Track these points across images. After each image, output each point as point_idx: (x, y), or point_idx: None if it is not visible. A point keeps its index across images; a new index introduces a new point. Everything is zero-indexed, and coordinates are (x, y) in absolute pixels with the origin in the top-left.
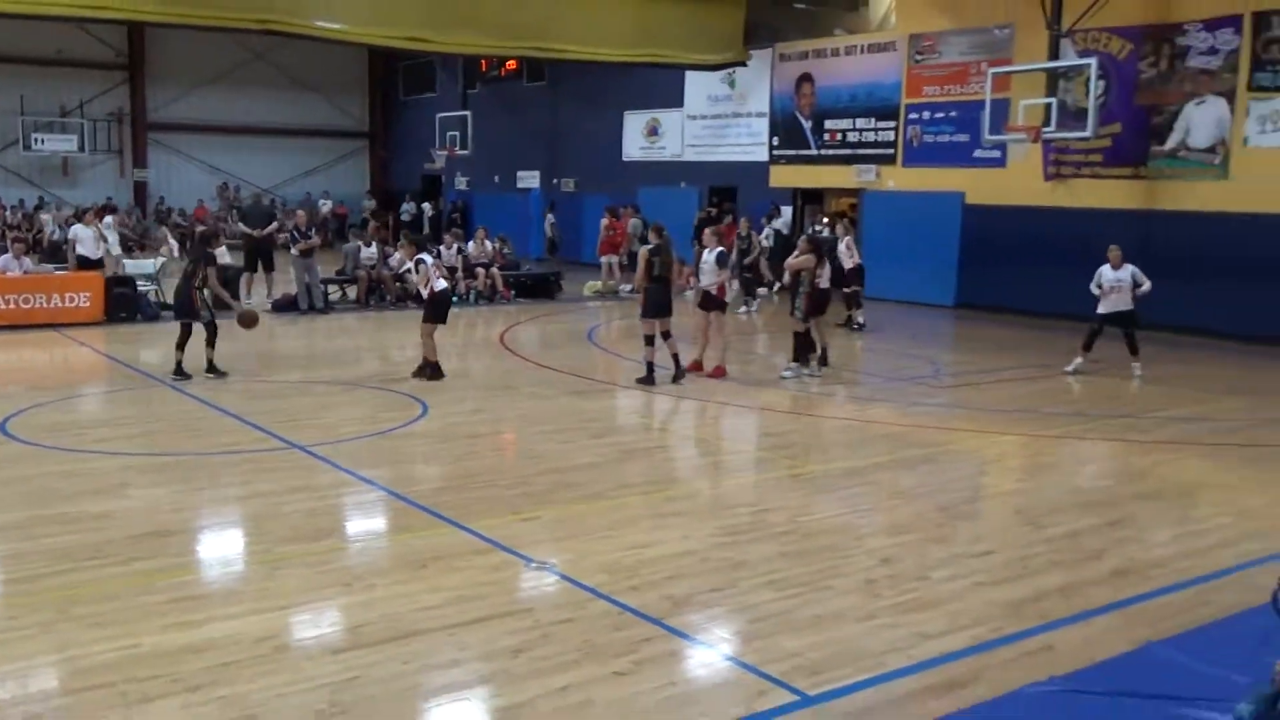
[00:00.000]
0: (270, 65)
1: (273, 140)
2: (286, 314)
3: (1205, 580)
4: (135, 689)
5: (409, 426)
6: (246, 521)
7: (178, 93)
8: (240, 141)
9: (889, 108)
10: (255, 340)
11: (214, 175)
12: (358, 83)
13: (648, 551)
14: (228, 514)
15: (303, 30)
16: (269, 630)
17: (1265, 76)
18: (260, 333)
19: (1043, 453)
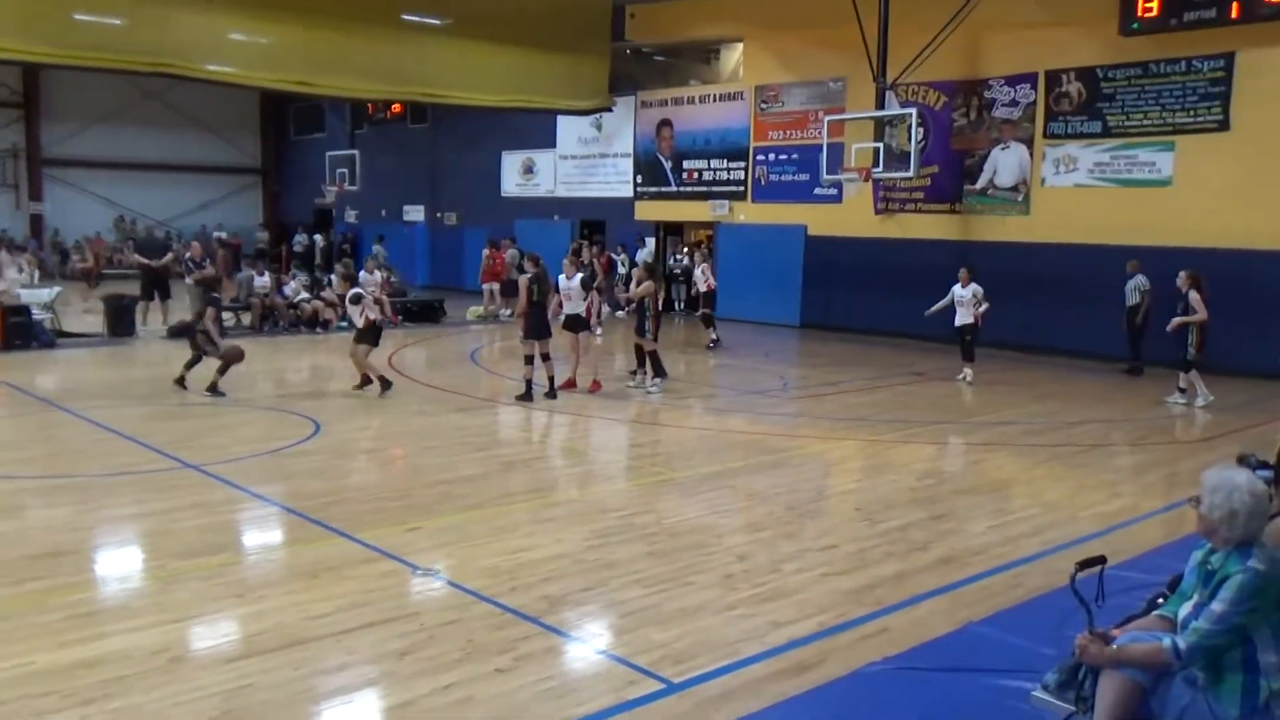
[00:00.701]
0: (165, 104)
1: (168, 175)
2: (183, 339)
3: (1016, 565)
4: (28, 706)
5: (302, 444)
6: (141, 539)
7: (74, 129)
8: (136, 176)
9: (739, 150)
10: (152, 365)
11: (111, 208)
12: (250, 121)
13: (526, 555)
14: (122, 532)
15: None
16: (163, 643)
17: (1057, 126)
18: (157, 357)
19: (877, 455)
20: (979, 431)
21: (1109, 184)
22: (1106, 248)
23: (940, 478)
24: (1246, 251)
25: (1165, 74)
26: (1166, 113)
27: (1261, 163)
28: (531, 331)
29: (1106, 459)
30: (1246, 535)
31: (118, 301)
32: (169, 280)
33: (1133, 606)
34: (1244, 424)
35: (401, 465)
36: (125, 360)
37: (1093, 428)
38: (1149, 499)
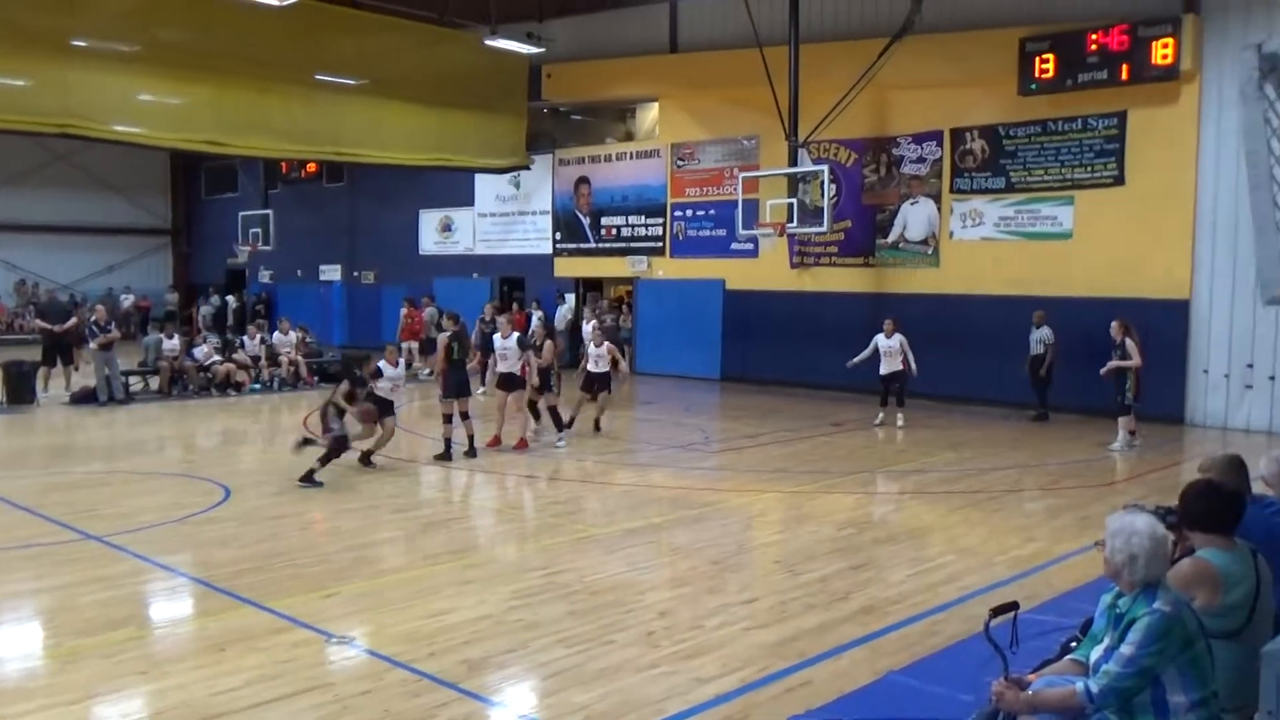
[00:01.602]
0: (71, 165)
1: (74, 238)
2: (86, 406)
3: (935, 613)
4: None
5: (210, 511)
6: (39, 616)
7: None
8: (41, 239)
9: (657, 206)
10: (54, 433)
11: (12, 272)
12: (160, 182)
13: (446, 619)
14: (19, 609)
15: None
16: None
17: (963, 181)
18: (58, 424)
19: (798, 507)
20: (896, 480)
21: (1013, 237)
22: (1013, 298)
23: (860, 527)
24: (1142, 300)
25: (1063, 132)
26: (1066, 168)
27: (1153, 216)
28: (450, 390)
29: (1020, 504)
30: (1148, 578)
31: (17, 368)
32: (71, 346)
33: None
34: (1150, 468)
35: (316, 530)
36: (24, 429)
37: (1006, 474)
38: (1062, 543)
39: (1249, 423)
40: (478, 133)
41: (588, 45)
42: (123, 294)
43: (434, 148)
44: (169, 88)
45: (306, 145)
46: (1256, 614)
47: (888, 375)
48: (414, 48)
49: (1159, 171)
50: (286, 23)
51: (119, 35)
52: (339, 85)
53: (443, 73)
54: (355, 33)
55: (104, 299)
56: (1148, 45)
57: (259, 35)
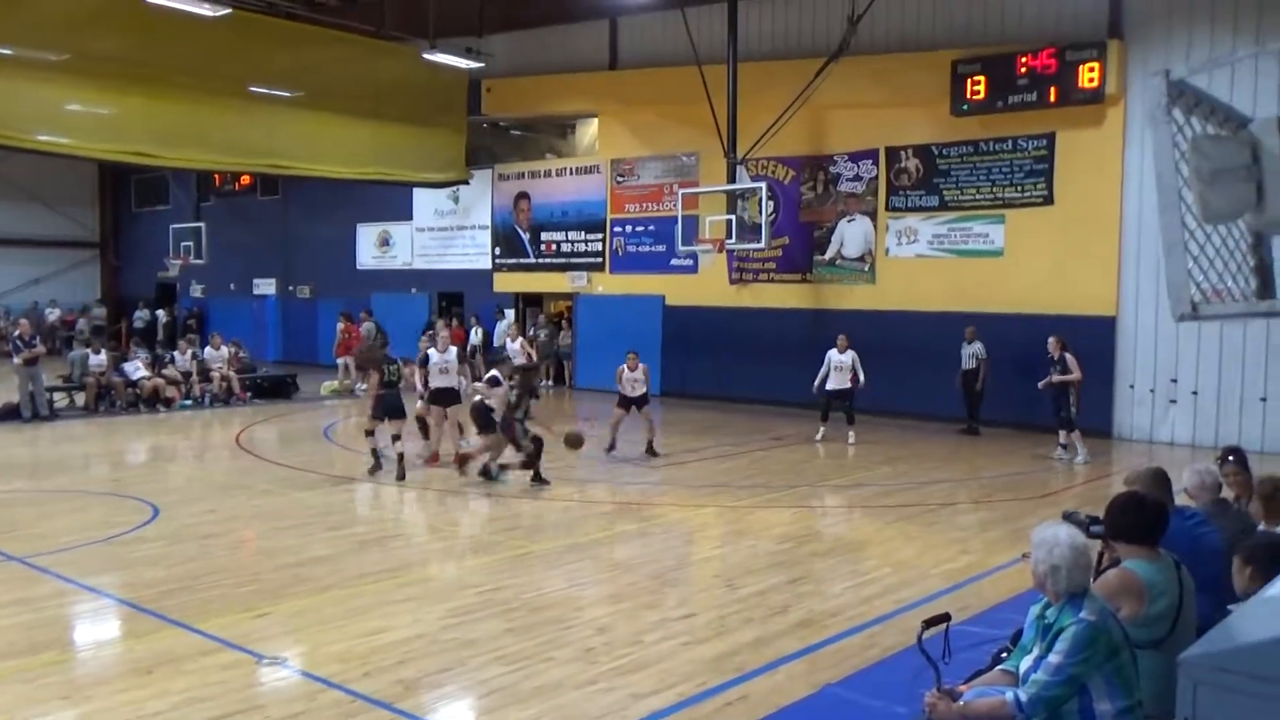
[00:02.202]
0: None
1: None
2: (8, 423)
3: (871, 625)
4: None
5: (138, 530)
6: None
7: None
8: None
9: (597, 222)
10: None
11: None
12: (88, 193)
13: (381, 638)
14: None
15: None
16: None
17: (898, 199)
18: None
19: (737, 521)
20: (834, 494)
21: (947, 254)
22: (947, 314)
23: (798, 541)
24: (1070, 317)
25: (994, 152)
26: (997, 188)
27: (1081, 235)
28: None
29: (954, 517)
30: (1072, 588)
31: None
32: None
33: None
34: (1079, 480)
35: (247, 549)
36: None
37: (941, 487)
38: (995, 555)
39: (1174, 436)
40: (416, 147)
41: (528, 60)
42: (48, 308)
43: (372, 161)
44: (99, 98)
45: (241, 157)
46: (1180, 624)
47: (836, 391)
48: (351, 61)
49: (1086, 191)
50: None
51: (47, 44)
52: (274, 97)
53: (381, 86)
54: (291, 45)
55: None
56: (1075, 69)
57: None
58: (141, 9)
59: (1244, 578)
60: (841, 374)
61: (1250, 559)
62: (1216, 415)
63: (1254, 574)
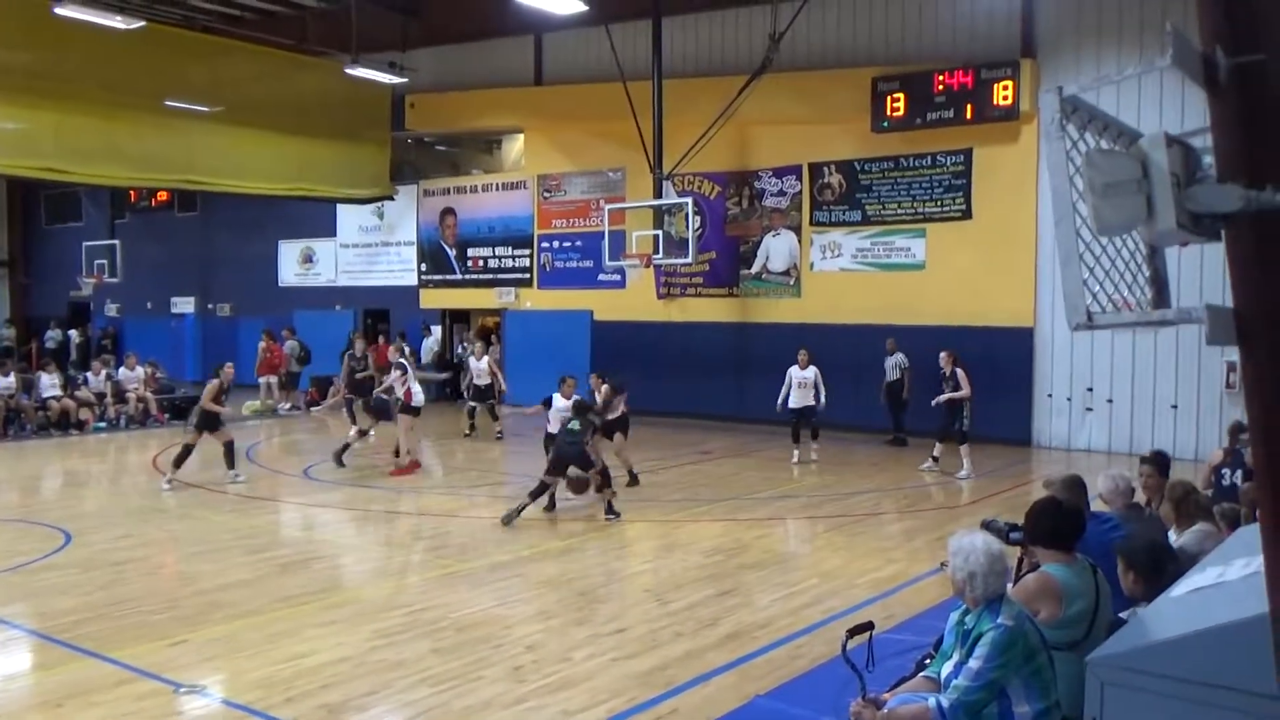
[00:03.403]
0: None
1: None
2: None
3: (799, 636)
4: None
5: (49, 558)
6: None
7: None
8: None
9: (524, 237)
10: None
11: None
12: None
13: (304, 662)
14: None
15: None
16: None
17: (822, 214)
18: None
19: (667, 535)
20: (763, 506)
21: (870, 268)
22: (871, 327)
23: (728, 554)
24: (990, 329)
25: (915, 167)
26: (918, 202)
27: (998, 248)
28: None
29: (880, 527)
30: (989, 593)
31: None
32: None
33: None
34: (1000, 488)
35: (163, 575)
36: None
37: (866, 498)
38: (918, 563)
39: (1090, 443)
40: (340, 162)
41: (452, 76)
42: None
43: (294, 177)
44: (7, 111)
45: (157, 173)
46: (1095, 626)
47: (800, 409)
48: (271, 75)
49: (1003, 206)
50: (135, 47)
51: None
52: (192, 112)
53: (303, 101)
54: (209, 58)
55: None
56: (990, 87)
57: (106, 59)
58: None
59: (1128, 580)
60: (804, 390)
61: (1132, 563)
62: (1131, 423)
63: (1136, 577)
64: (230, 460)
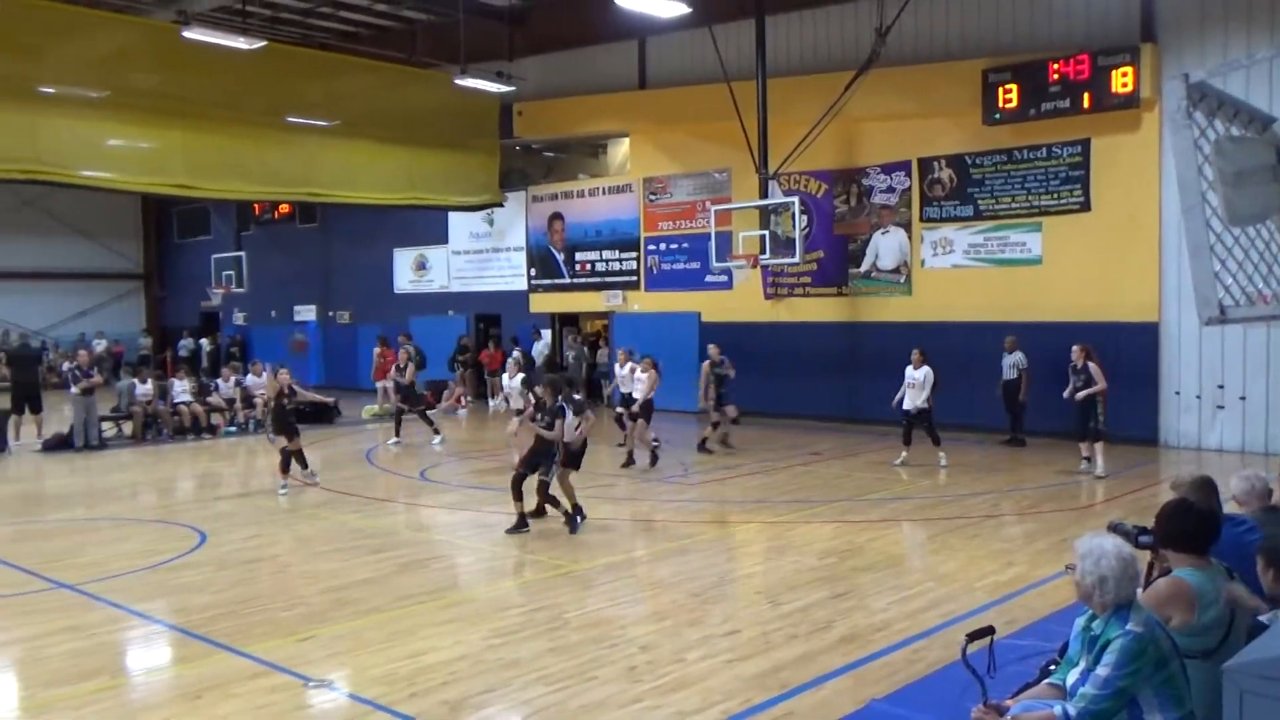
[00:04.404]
0: (41, 211)
1: (44, 283)
2: (60, 453)
3: (916, 640)
4: None
5: (185, 557)
6: (8, 668)
7: None
8: (9, 286)
9: (630, 240)
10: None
11: None
12: (132, 226)
13: (424, 659)
14: None
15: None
16: None
17: (932, 210)
18: (28, 473)
19: (778, 537)
20: (876, 508)
21: (984, 264)
22: (985, 324)
23: (840, 556)
24: (1112, 324)
25: (1029, 160)
26: (1033, 196)
27: (1120, 240)
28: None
29: (998, 529)
30: (1119, 599)
31: None
32: (41, 393)
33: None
34: (1126, 490)
35: (292, 573)
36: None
37: (983, 499)
38: (1040, 567)
39: (1222, 443)
40: (450, 171)
41: (558, 83)
42: (95, 339)
43: (407, 187)
44: (139, 132)
45: (279, 187)
46: (1231, 633)
47: (912, 411)
48: (384, 88)
49: (1124, 197)
50: (256, 66)
51: (87, 82)
52: (310, 127)
53: (414, 112)
54: (325, 75)
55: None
56: (1108, 74)
57: (229, 79)
58: (179, 44)
59: (1268, 579)
60: (915, 391)
61: (1272, 561)
62: (1266, 421)
63: (1276, 575)
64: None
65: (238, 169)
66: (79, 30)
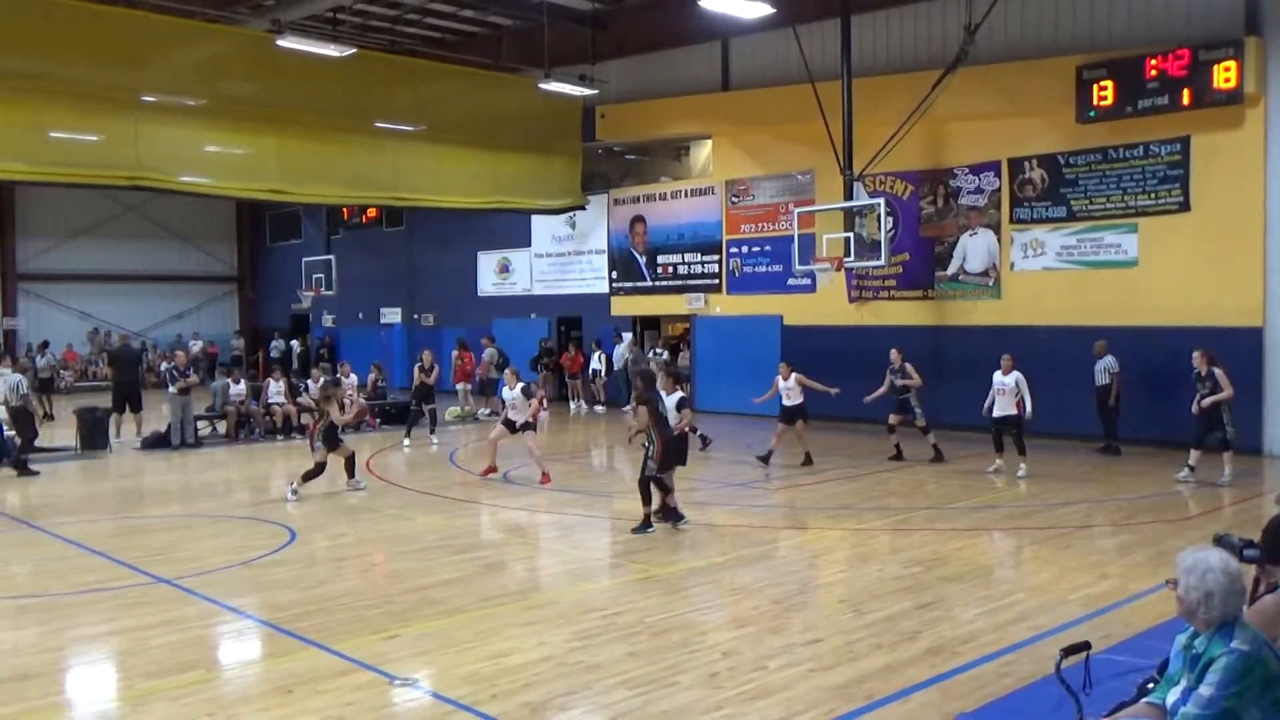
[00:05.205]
0: (141, 216)
1: (143, 286)
2: (158, 451)
3: (1006, 653)
4: None
5: (276, 554)
6: (110, 659)
7: (49, 244)
8: (111, 288)
9: (712, 243)
10: (126, 478)
11: (85, 321)
12: (226, 230)
13: (507, 661)
14: (90, 653)
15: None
16: None
17: (1023, 211)
18: (129, 470)
19: (861, 545)
20: (963, 516)
21: (1076, 266)
22: (1078, 328)
23: (926, 565)
24: (1212, 329)
25: (1125, 159)
26: (1128, 196)
27: (1221, 242)
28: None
29: (1092, 540)
30: (1225, 615)
31: (91, 414)
32: (140, 392)
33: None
34: (1227, 502)
35: (378, 572)
36: (98, 474)
37: (1076, 509)
38: (1136, 580)
39: None
40: (533, 175)
41: (640, 85)
42: (190, 340)
43: (491, 190)
44: (234, 139)
45: (367, 191)
46: None
47: (1001, 418)
48: (470, 93)
49: (1226, 197)
50: (346, 73)
51: (185, 90)
52: (398, 132)
53: (498, 117)
54: (413, 81)
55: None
56: (1209, 69)
57: (320, 86)
58: (272, 53)
59: None
60: (1005, 398)
61: None
62: None
63: None
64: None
65: (328, 173)
66: (178, 40)
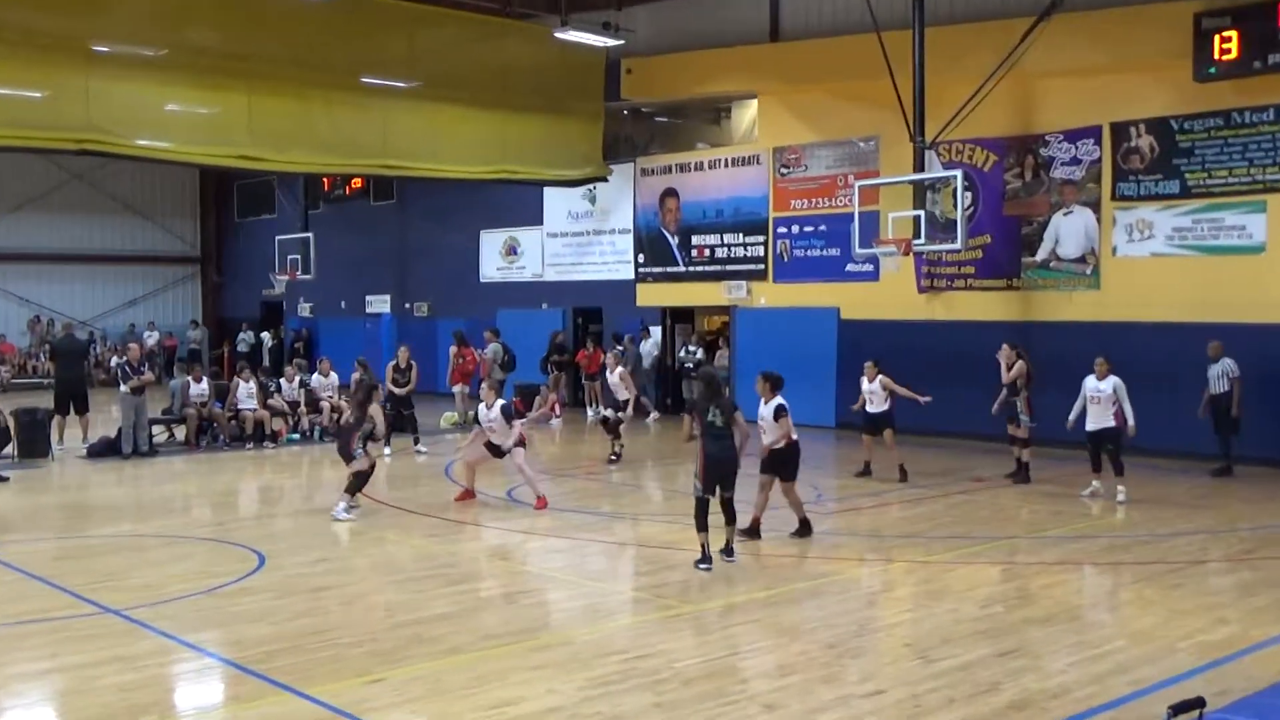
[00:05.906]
0: (90, 186)
1: (92, 268)
2: (106, 460)
3: (1104, 710)
4: None
5: (243, 581)
6: (51, 701)
7: None
8: (55, 270)
9: (757, 222)
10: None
11: (24, 308)
12: (188, 203)
13: (512, 710)
14: (28, 694)
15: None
16: None
17: (1128, 186)
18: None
19: (931, 580)
20: (1052, 548)
21: (1191, 252)
22: (1190, 325)
23: (1008, 605)
24: None
25: (1252, 124)
26: (1255, 168)
27: None
28: None
29: (1205, 578)
30: None
31: (30, 416)
32: (87, 391)
33: None
34: None
35: (363, 603)
36: (39, 486)
37: (1187, 541)
38: (1260, 625)
39: None
40: (547, 140)
41: (674, 35)
42: (145, 331)
43: (497, 158)
44: (198, 96)
45: (352, 158)
46: None
47: (1096, 431)
48: (474, 43)
49: None
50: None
51: (144, 38)
52: (389, 89)
53: (507, 71)
54: (406, 28)
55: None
56: None
57: (298, 34)
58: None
59: None
60: (1100, 408)
61: None
62: None
63: None
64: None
65: (307, 137)
66: None
